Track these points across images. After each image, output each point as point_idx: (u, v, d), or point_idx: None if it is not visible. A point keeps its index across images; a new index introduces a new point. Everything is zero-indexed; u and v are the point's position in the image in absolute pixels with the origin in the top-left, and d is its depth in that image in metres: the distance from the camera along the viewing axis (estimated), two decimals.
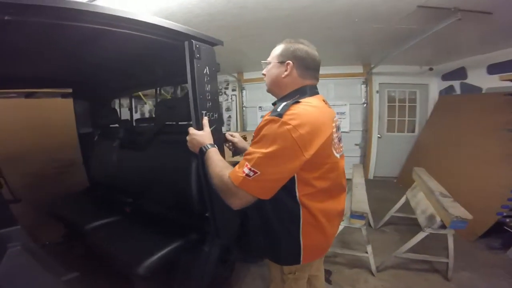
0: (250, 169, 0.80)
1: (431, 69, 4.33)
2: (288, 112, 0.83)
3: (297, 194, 0.90)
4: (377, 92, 4.64)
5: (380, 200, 3.58)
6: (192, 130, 1.18)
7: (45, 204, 2.31)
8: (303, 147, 0.81)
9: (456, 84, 4.00)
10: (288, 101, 0.89)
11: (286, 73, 0.98)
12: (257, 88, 5.05)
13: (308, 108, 0.87)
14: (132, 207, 2.07)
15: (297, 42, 1.01)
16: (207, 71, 1.35)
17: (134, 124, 2.71)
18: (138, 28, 1.14)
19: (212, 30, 2.66)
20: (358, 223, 1.97)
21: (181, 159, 1.44)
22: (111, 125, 2.66)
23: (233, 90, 5.29)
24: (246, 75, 5.19)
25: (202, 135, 1.15)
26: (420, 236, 1.96)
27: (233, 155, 1.91)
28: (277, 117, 0.82)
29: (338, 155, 0.98)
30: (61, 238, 2.16)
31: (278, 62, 1.00)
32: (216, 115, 1.44)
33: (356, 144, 4.79)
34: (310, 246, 0.96)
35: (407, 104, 4.66)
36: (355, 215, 1.95)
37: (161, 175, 1.85)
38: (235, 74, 5.09)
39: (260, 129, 0.86)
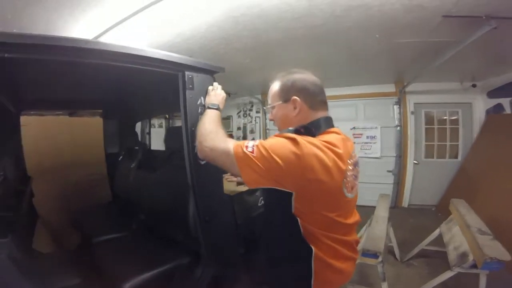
0: (253, 146, 0.80)
1: (474, 85, 3.86)
2: (302, 136, 0.80)
3: (302, 231, 0.84)
4: (412, 113, 4.25)
5: (414, 229, 3.23)
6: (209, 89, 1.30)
7: (70, 214, 2.51)
8: (294, 165, 0.75)
9: (506, 102, 3.50)
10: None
11: (296, 110, 0.92)
12: None
13: (318, 144, 0.80)
14: (138, 225, 2.11)
15: (290, 73, 0.96)
16: (202, 101, 1.32)
17: (150, 148, 2.87)
18: (134, 61, 1.18)
19: (230, 53, 2.78)
20: (371, 262, 1.73)
21: (184, 183, 1.45)
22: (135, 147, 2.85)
23: (257, 112, 5.35)
24: None
25: (209, 96, 1.26)
26: (447, 275, 1.74)
27: (238, 184, 1.89)
28: (288, 133, 0.82)
29: (350, 195, 0.88)
30: (76, 246, 2.27)
31: (283, 102, 0.94)
32: None
33: (389, 171, 4.36)
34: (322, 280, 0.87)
35: (448, 126, 4.18)
36: (367, 254, 1.72)
37: (165, 197, 1.89)
38: (259, 96, 5.16)
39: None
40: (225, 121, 5.79)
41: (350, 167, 0.86)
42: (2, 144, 2.16)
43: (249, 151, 0.79)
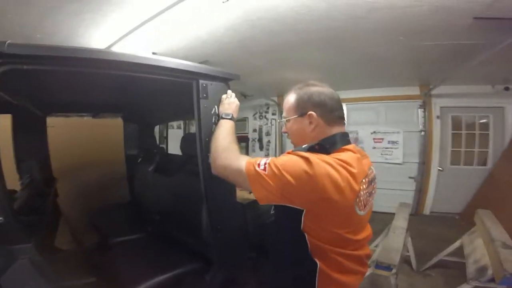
0: (265, 164, 0.81)
1: (507, 88, 3.56)
2: (316, 153, 0.80)
3: (309, 246, 0.84)
4: (438, 117, 4.02)
5: (434, 238, 3.11)
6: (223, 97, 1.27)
7: (90, 212, 2.60)
8: (306, 183, 0.75)
9: None
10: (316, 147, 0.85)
11: (312, 126, 0.89)
12: None
13: (332, 162, 0.78)
14: (153, 228, 2.14)
15: (307, 85, 0.93)
16: (216, 110, 1.29)
17: (167, 151, 2.92)
18: (148, 71, 1.17)
19: (246, 56, 2.76)
20: (384, 274, 1.66)
21: (198, 190, 1.46)
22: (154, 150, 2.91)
23: (273, 114, 5.29)
24: None
25: (223, 105, 1.24)
26: None
27: (250, 192, 1.88)
28: (302, 151, 0.82)
29: (362, 213, 0.86)
30: (95, 245, 2.34)
31: (298, 116, 0.91)
32: None
33: (411, 177, 4.16)
34: None
35: (477, 131, 3.92)
36: (381, 266, 1.64)
37: (179, 202, 1.92)
38: (275, 98, 5.10)
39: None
40: (241, 122, 5.79)
41: (365, 186, 0.84)
42: (29, 147, 2.28)
43: (261, 169, 0.80)
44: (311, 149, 0.83)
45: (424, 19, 2.04)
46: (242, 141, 5.67)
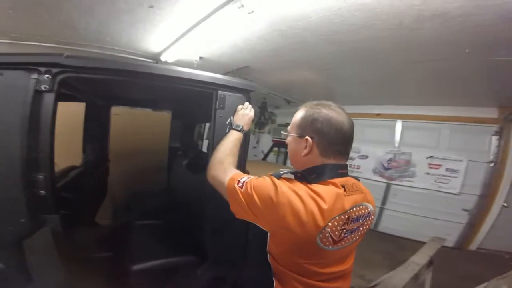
0: (243, 182, 0.85)
1: None
2: (292, 181, 0.81)
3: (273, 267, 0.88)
4: None
5: (466, 276, 2.71)
6: (239, 107, 1.29)
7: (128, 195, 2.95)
8: (269, 209, 0.78)
9: None
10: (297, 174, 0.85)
11: (305, 151, 0.85)
12: None
13: (302, 193, 0.77)
14: (171, 217, 2.31)
15: (320, 105, 0.86)
16: (231, 120, 1.32)
17: (201, 149, 3.10)
18: (174, 82, 1.29)
19: (283, 65, 2.74)
20: None
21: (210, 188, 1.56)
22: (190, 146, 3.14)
23: None
24: None
25: (236, 115, 1.26)
26: None
27: None
28: (275, 178, 0.82)
29: (332, 248, 0.81)
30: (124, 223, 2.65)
31: (297, 136, 0.88)
32: None
33: (465, 210, 3.54)
34: None
35: None
36: None
37: (196, 199, 1.98)
38: None
39: None
40: (285, 128, 5.68)
41: (338, 223, 0.79)
42: (93, 131, 2.69)
43: (239, 186, 0.85)
44: (293, 175, 0.86)
45: (495, 30, 1.71)
46: (282, 146, 5.61)
